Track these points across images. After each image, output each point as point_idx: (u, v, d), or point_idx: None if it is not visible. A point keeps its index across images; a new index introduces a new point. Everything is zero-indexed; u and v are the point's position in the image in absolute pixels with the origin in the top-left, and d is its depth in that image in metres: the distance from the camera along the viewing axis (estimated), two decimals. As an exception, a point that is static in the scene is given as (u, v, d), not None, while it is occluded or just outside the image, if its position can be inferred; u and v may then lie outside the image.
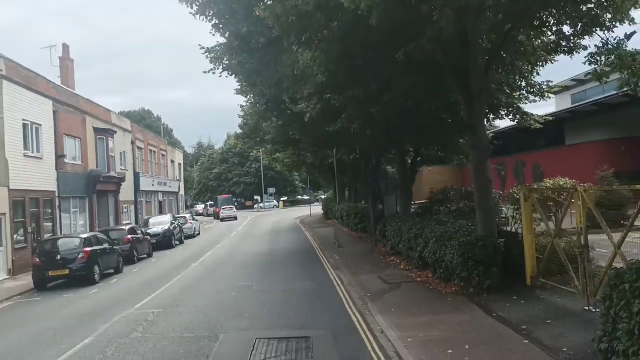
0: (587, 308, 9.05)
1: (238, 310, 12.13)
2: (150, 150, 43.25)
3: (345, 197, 43.78)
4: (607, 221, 11.83)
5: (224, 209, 63.76)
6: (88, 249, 17.43)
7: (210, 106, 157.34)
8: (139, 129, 42.08)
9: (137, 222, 34.46)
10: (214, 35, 15.26)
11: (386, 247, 19.87)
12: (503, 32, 10.82)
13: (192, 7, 13.61)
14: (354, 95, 14.00)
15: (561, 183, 15.02)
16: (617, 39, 11.67)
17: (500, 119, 19.04)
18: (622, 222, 11.99)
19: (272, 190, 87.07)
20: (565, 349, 7.56)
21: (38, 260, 17.20)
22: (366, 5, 7.94)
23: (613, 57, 11.34)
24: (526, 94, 18.59)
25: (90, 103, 31.44)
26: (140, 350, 9.25)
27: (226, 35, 14.90)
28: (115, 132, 32.53)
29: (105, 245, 19.07)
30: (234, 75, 17.80)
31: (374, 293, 12.94)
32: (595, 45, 12.17)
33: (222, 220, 58.08)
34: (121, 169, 33.91)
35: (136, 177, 37.75)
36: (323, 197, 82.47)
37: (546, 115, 30.31)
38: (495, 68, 13.82)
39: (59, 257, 17.04)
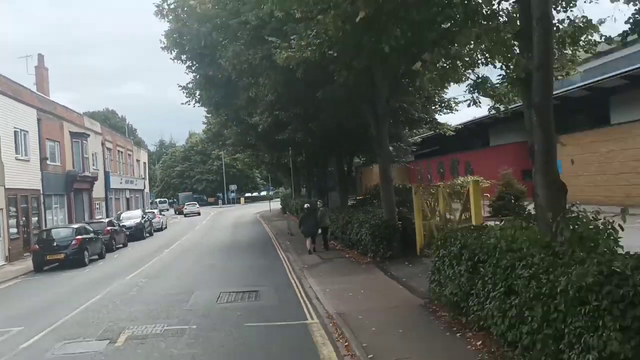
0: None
1: (206, 279, 16.14)
2: (119, 151, 46.43)
3: (301, 193, 47.90)
4: (507, 210, 16.47)
5: (187, 204, 67.22)
6: (79, 237, 21.08)
7: (166, 100, 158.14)
8: (108, 131, 45.24)
9: (107, 217, 37.81)
10: (187, 74, 19.45)
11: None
12: (399, 75, 15.12)
13: (171, 53, 17.82)
14: (297, 112, 18.13)
15: (468, 180, 19.45)
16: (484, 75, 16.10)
17: (418, 129, 23.42)
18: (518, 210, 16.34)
19: (233, 187, 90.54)
20: (421, 289, 11.84)
21: (37, 247, 20.78)
22: (295, 64, 12.03)
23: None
24: (440, 107, 23.11)
25: (65, 109, 34.63)
26: (139, 300, 13.18)
27: (197, 77, 19.03)
28: (89, 135, 35.80)
29: (91, 235, 22.69)
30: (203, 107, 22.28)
31: (311, 265, 17.10)
32: (471, 79, 16.62)
33: (186, 215, 61.44)
34: (93, 169, 37.17)
35: (106, 176, 41.00)
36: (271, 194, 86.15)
37: (467, 122, 35.17)
38: (403, 92, 18.10)
39: (55, 244, 20.63)
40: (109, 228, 26.28)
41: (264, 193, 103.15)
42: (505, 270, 6.72)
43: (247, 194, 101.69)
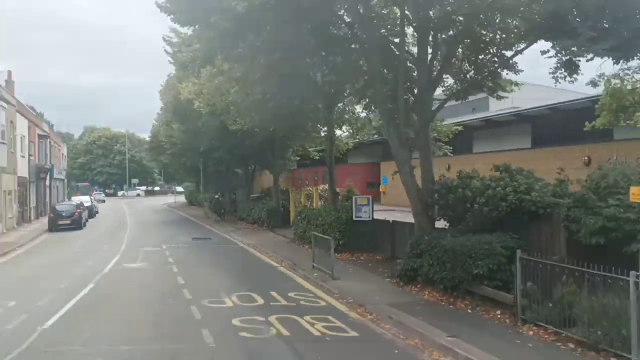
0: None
1: (176, 233, 29.27)
2: (56, 147, 56.46)
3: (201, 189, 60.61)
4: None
5: (95, 193, 77.30)
6: (79, 210, 33.02)
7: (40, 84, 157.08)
8: (53, 132, 55.25)
9: (54, 201, 48.37)
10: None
11: (237, 218, 37.84)
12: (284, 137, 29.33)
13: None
14: (228, 147, 31.77)
15: (321, 187, 34.05)
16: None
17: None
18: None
19: (135, 180, 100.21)
20: (290, 236, 26.00)
21: (52, 215, 32.46)
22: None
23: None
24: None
25: (34, 114, 45.08)
26: (148, 236, 26.29)
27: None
28: (48, 136, 46.43)
29: (81, 209, 34.59)
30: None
31: (232, 231, 30.77)
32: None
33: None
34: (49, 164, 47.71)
35: (51, 168, 51.33)
36: (179, 188, 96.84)
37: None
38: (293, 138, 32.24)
39: (64, 214, 32.41)
40: (79, 209, 37.91)
41: (157, 188, 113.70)
42: (313, 218, 21.13)
43: (142, 188, 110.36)
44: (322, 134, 27.05)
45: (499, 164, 13.03)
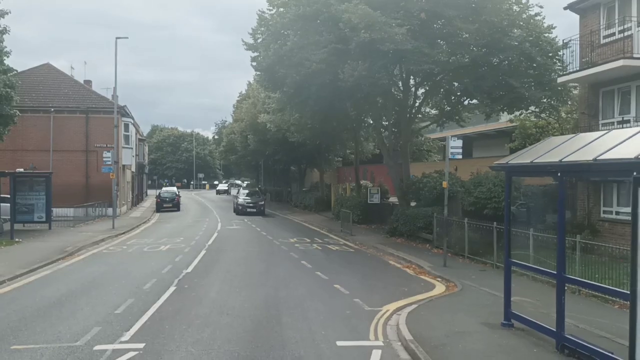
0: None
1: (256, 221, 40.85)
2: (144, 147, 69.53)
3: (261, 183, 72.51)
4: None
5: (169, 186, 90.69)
6: (178, 196, 45.10)
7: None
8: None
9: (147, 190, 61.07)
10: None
11: (292, 205, 49.22)
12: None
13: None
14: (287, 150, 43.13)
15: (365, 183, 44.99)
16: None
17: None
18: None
19: (201, 175, 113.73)
20: (331, 217, 36.99)
21: (158, 200, 44.71)
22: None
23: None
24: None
25: (136, 123, 57.86)
26: (232, 214, 37.84)
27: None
28: (145, 139, 59.12)
29: (179, 195, 46.67)
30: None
31: (289, 213, 41.93)
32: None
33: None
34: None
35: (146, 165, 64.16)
36: (241, 183, 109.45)
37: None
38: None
39: (167, 199, 44.48)
40: (178, 195, 50.08)
41: (216, 182, 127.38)
42: (344, 202, 32.04)
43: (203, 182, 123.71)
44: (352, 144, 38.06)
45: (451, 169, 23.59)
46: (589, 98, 19.58)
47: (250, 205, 39.68)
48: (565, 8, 20.54)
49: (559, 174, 8.59)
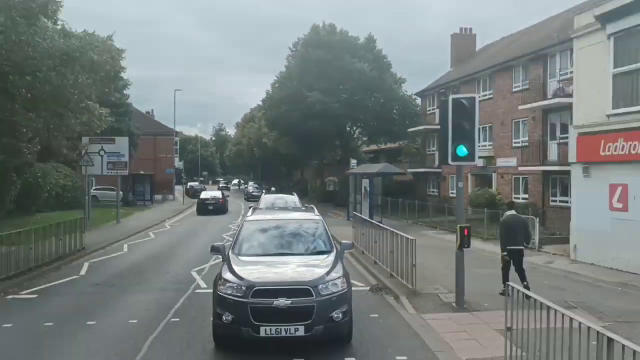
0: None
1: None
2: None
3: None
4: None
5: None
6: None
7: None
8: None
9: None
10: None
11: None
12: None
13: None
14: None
15: None
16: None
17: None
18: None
19: (205, 173, 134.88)
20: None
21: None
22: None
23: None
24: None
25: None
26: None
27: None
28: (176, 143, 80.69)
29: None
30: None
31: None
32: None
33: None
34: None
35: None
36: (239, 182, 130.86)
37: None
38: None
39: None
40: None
41: (218, 179, 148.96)
42: (316, 190, 53.77)
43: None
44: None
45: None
46: (423, 138, 41.62)
47: (255, 193, 61.04)
48: (416, 94, 42.60)
49: (367, 177, 30.37)
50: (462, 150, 10.34)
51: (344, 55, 41.39)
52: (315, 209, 12.27)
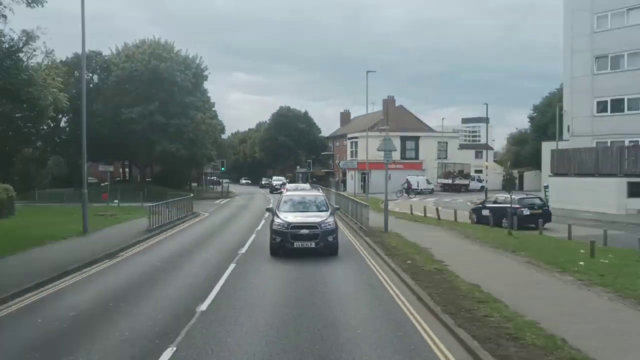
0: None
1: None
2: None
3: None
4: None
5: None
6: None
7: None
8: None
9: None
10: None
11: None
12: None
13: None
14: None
15: None
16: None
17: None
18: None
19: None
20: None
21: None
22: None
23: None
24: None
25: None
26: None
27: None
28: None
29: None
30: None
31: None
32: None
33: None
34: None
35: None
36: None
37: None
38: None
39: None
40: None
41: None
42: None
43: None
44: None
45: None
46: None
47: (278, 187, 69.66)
48: (328, 137, 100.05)
49: (304, 174, 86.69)
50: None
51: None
52: (320, 189, 25.87)
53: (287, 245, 16.38)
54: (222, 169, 65.53)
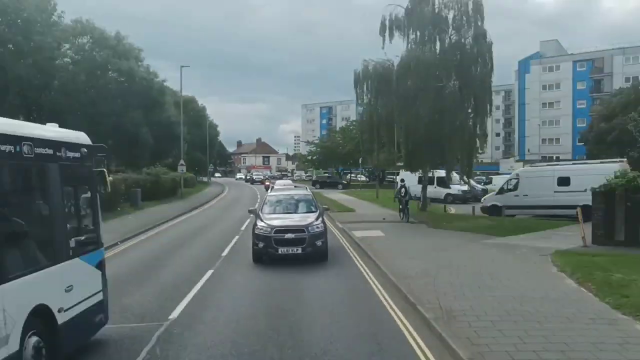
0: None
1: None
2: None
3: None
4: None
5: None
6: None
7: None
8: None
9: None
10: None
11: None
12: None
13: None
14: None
15: None
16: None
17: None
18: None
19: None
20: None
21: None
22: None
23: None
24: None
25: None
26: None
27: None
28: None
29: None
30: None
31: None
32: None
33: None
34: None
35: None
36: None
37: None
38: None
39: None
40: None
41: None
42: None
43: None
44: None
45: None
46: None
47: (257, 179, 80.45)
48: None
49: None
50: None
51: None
52: (307, 187, 23.14)
53: (270, 251, 14.82)
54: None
